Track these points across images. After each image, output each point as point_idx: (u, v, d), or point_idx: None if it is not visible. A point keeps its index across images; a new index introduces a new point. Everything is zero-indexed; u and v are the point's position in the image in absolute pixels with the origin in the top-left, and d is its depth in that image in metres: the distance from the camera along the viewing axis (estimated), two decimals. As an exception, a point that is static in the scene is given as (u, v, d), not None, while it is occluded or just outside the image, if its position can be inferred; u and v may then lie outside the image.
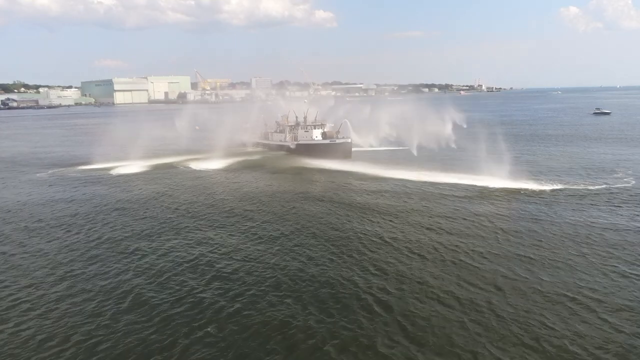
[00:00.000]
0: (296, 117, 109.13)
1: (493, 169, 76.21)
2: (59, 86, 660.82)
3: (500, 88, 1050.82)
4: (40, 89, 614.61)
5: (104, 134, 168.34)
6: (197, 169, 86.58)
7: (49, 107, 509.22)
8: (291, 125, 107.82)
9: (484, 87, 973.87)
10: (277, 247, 42.58)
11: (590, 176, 71.07)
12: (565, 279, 34.69)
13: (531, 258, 38.69)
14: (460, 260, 38.69)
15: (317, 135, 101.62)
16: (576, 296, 32.01)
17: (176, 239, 45.70)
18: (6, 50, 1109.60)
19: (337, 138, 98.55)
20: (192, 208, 57.27)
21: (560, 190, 61.38)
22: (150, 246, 43.74)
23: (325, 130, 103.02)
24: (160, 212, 55.60)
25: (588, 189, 61.74)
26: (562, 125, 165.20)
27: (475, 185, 64.71)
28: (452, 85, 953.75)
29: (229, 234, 46.78)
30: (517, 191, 61.11)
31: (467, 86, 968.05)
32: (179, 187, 70.31)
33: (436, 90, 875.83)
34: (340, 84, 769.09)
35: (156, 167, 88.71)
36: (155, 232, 47.84)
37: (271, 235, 46.15)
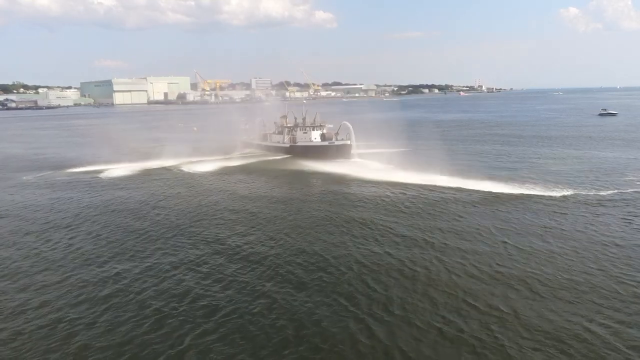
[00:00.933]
0: (295, 118, 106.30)
1: (496, 172, 73.44)
2: (58, 87, 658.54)
3: (500, 89, 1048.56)
4: (40, 90, 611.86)
5: (99, 135, 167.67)
6: (190, 172, 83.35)
7: (48, 107, 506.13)
8: (289, 127, 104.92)
9: (484, 88, 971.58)
10: (261, 264, 39.36)
11: (600, 180, 67.80)
12: (579, 305, 31.26)
13: (540, 279, 35.14)
14: (460, 279, 35.30)
15: (315, 136, 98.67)
16: (592, 327, 28.54)
17: (154, 251, 42.55)
18: (6, 51, 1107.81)
19: (336, 140, 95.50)
20: (178, 217, 53.98)
21: (569, 196, 58.03)
22: (126, 261, 40.59)
23: (324, 131, 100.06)
24: (144, 221, 52.29)
25: (599, 195, 58.53)
26: (568, 126, 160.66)
27: (480, 191, 61.39)
28: (452, 86, 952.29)
29: (212, 248, 43.51)
30: (523, 197, 57.90)
31: (467, 87, 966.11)
32: (168, 192, 66.94)
33: (436, 91, 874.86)
34: (341, 84, 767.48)
35: (148, 170, 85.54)
36: (135, 244, 44.49)
37: (257, 249, 42.95)
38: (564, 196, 58.01)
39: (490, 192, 60.42)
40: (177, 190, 68.13)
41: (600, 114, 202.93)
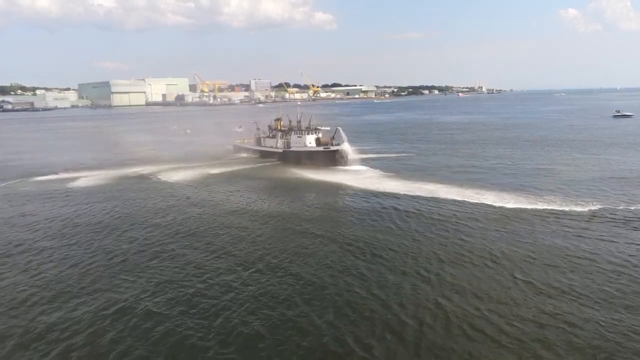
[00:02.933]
0: (290, 121, 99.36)
1: (505, 182, 65.68)
2: (56, 88, 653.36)
3: (500, 90, 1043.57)
4: (38, 91, 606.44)
5: (86, 139, 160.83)
6: (170, 181, 75.40)
7: (44, 109, 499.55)
8: (283, 130, 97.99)
9: (484, 89, 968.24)
10: (235, 297, 31.95)
11: (628, 192, 58.91)
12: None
13: (581, 326, 27.44)
14: (475, 329, 27.44)
15: (310, 141, 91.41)
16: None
17: (109, 278, 35.08)
18: (5, 52, 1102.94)
19: (332, 145, 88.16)
20: (141, 235, 46.29)
21: (596, 212, 49.80)
22: (78, 291, 33.28)
23: (320, 135, 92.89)
24: (101, 241, 44.72)
25: (629, 210, 50.21)
26: (581, 129, 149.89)
27: (487, 205, 53.48)
28: (452, 87, 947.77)
29: (179, 275, 36.06)
30: (539, 213, 49.90)
31: (467, 88, 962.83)
32: (138, 205, 59.06)
33: (436, 92, 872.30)
34: (340, 86, 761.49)
35: (124, 178, 78.15)
36: (74, 276, 36.87)
37: (221, 278, 35.49)
38: (590, 212, 49.82)
39: (501, 208, 52.37)
40: (149, 203, 60.11)
41: (615, 116, 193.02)
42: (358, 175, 75.89)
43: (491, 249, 40.13)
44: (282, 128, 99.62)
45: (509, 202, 54.78)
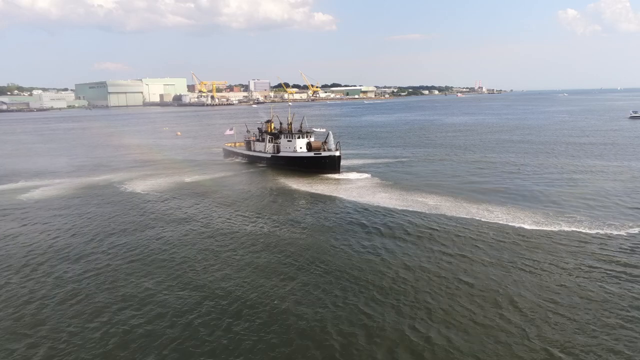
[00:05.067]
0: (280, 123, 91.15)
1: (519, 195, 56.96)
2: (54, 89, 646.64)
3: (500, 90, 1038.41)
4: (35, 92, 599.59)
5: (69, 141, 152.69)
6: (138, 191, 66.41)
7: (39, 110, 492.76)
8: (273, 133, 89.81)
9: (484, 90, 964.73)
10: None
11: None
12: None
13: None
14: None
15: (301, 145, 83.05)
16: None
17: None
18: (6, 53, 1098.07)
19: (324, 150, 79.73)
20: (77, 267, 37.69)
21: (636, 235, 40.63)
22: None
23: (312, 139, 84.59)
24: (29, 275, 36.17)
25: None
26: (596, 131, 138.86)
27: (507, 227, 44.42)
28: (452, 87, 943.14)
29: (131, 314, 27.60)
30: (569, 239, 40.88)
31: (467, 88, 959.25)
32: (84, 225, 49.93)
33: (436, 92, 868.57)
34: (340, 86, 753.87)
35: (88, 188, 69.50)
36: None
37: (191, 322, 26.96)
38: (630, 236, 40.37)
39: (518, 230, 43.43)
40: (105, 219, 51.37)
41: (632, 117, 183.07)
42: (350, 184, 67.26)
43: (506, 299, 30.42)
44: (272, 131, 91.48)
45: (526, 221, 45.96)
